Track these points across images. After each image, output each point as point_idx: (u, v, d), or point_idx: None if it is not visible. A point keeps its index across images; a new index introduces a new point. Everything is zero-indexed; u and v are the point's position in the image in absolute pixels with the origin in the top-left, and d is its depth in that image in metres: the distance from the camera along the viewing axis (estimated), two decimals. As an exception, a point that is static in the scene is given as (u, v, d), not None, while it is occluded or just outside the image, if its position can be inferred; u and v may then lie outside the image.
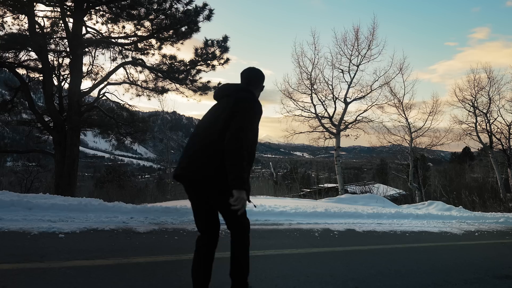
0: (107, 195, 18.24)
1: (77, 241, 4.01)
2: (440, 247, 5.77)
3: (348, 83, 18.02)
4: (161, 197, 23.20)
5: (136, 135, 13.76)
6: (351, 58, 17.83)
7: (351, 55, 17.83)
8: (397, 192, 25.41)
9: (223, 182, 2.07)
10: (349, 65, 17.91)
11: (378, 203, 11.72)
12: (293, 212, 7.58)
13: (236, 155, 2.03)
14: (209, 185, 2.15)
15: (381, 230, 6.83)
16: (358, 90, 18.25)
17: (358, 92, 18.21)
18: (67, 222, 4.96)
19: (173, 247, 4.12)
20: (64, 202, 5.88)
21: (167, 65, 12.05)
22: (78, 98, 10.66)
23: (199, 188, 2.23)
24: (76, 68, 10.60)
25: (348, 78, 18.03)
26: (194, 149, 2.23)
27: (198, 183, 2.19)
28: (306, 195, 23.01)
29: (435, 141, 20.64)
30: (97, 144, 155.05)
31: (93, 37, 11.88)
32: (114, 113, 13.05)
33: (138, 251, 3.79)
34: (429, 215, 9.85)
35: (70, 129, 10.52)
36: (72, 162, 10.38)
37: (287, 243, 4.93)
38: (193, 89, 12.35)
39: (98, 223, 4.99)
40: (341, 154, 19.53)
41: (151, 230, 4.86)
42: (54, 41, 11.88)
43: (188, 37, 11.47)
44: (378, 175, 39.25)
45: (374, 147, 23.28)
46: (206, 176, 2.13)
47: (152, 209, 6.38)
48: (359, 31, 18.46)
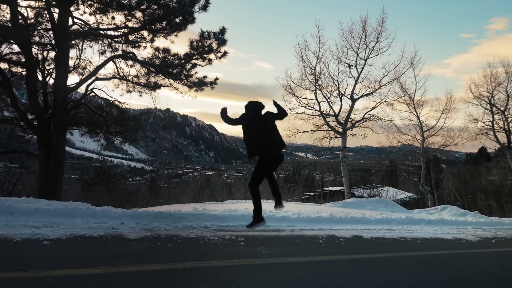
0: (95, 199, 18.22)
1: (63, 249, 4.00)
2: (454, 255, 5.77)
3: (355, 78, 18.03)
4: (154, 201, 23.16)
5: (126, 134, 13.78)
6: (358, 52, 17.85)
7: (358, 48, 17.84)
8: (408, 196, 25.41)
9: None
10: (356, 59, 17.93)
11: (387, 208, 11.72)
12: (296, 217, 7.57)
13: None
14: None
15: (390, 236, 6.83)
16: (366, 86, 18.27)
17: (366, 88, 18.23)
18: (52, 228, 4.95)
19: (166, 255, 4.12)
20: (49, 207, 5.87)
21: (160, 59, 12.05)
22: (64, 94, 10.66)
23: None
24: (62, 62, 10.60)
25: (355, 73, 18.05)
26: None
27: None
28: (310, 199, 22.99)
29: (448, 141, 20.63)
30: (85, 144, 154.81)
31: (80, 28, 11.88)
32: (103, 110, 13.06)
33: (129, 259, 3.79)
34: (442, 220, 9.84)
35: (55, 128, 10.52)
36: (57, 164, 10.37)
37: (289, 250, 4.93)
38: (188, 85, 12.36)
39: (85, 229, 4.99)
40: (347, 155, 19.54)
41: (143, 237, 4.86)
42: (38, 33, 11.88)
43: (182, 28, 11.47)
44: (387, 178, 39.25)
45: (383, 147, 23.22)
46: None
47: (144, 214, 6.38)
48: (367, 23, 18.41)
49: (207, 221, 6.44)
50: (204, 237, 5.15)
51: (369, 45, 17.70)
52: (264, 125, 5.62)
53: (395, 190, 23.03)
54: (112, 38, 12.04)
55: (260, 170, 5.48)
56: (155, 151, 45.54)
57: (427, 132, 20.66)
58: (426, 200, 21.24)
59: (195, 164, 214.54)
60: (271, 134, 5.61)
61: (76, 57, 12.92)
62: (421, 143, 20.67)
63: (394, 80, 18.64)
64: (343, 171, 17.97)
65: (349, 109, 18.12)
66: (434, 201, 20.93)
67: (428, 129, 20.66)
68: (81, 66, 13.28)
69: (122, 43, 12.28)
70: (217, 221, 6.55)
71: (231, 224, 6.49)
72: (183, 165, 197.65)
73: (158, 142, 29.41)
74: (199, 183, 32.19)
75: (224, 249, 4.64)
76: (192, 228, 5.87)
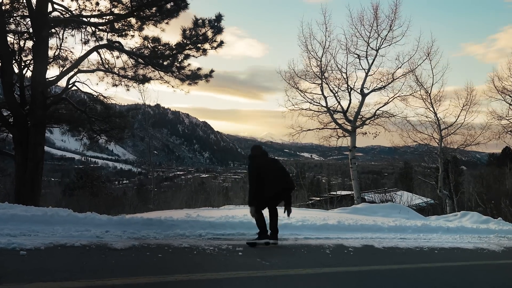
0: (77, 204, 18.24)
1: (42, 259, 4.00)
2: (475, 267, 5.78)
3: (365, 70, 18.01)
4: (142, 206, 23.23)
5: (112, 133, 13.74)
6: (369, 41, 17.81)
7: (369, 37, 17.80)
8: (424, 201, 25.42)
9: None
10: (367, 49, 17.89)
11: (401, 214, 11.75)
12: (300, 225, 7.59)
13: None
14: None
15: (405, 246, 6.83)
16: (377, 79, 18.22)
17: (378, 81, 18.19)
18: (29, 236, 4.95)
19: (156, 267, 4.12)
20: (26, 213, 5.87)
21: (149, 49, 12.02)
22: (43, 88, 10.65)
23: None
24: (40, 53, 10.58)
25: (366, 65, 18.02)
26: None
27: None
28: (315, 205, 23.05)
29: (469, 140, 20.62)
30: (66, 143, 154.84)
31: (61, 15, 11.86)
32: (86, 106, 13.03)
33: (115, 272, 3.79)
34: (462, 228, 9.85)
35: (33, 126, 10.51)
36: (35, 165, 10.37)
37: (292, 261, 4.93)
38: (181, 78, 12.34)
39: (66, 238, 4.98)
40: (357, 156, 19.53)
41: (130, 246, 4.86)
42: (14, 20, 11.86)
43: (174, 15, 11.44)
44: (401, 181, 39.28)
45: (396, 147, 23.19)
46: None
47: (132, 221, 6.38)
48: (378, 9, 18.34)
49: (201, 229, 6.45)
50: (198, 246, 5.15)
51: (381, 34, 17.68)
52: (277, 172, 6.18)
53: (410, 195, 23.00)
54: (96, 26, 12.02)
55: (261, 202, 6.03)
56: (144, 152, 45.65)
57: (446, 130, 20.65)
58: (445, 206, 21.25)
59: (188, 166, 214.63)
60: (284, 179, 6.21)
61: (56, 47, 12.88)
62: (439, 143, 20.66)
63: (409, 73, 18.62)
64: (352, 173, 17.97)
65: (359, 105, 18.12)
66: (453, 207, 20.93)
67: (447, 126, 20.65)
68: (62, 57, 13.25)
69: (107, 32, 12.25)
70: (213, 229, 6.56)
71: (228, 232, 6.50)
72: (175, 167, 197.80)
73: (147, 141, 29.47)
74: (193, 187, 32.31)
75: (220, 260, 4.64)
76: (185, 236, 5.87)
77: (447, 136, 20.78)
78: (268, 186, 5.89)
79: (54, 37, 12.41)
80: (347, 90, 18.15)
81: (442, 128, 20.50)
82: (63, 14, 11.88)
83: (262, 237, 5.89)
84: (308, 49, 18.14)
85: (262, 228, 5.92)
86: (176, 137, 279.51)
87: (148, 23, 11.72)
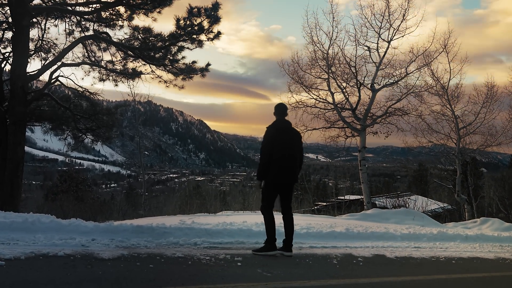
0: (61, 210, 18.26)
1: (22, 270, 4.00)
2: (497, 278, 5.77)
3: (376, 64, 17.98)
4: (132, 212, 23.26)
5: (99, 132, 13.76)
6: (380, 32, 17.76)
7: (380, 28, 17.75)
8: (441, 207, 25.45)
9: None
10: (378, 41, 17.86)
11: (415, 221, 11.75)
12: (304, 233, 7.58)
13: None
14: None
15: (419, 256, 6.83)
16: (389, 73, 18.22)
17: (390, 76, 18.19)
18: (8, 245, 4.95)
19: (147, 278, 4.12)
20: (4, 219, 5.87)
21: (139, 41, 12.04)
22: (23, 83, 10.66)
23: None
24: (20, 44, 10.58)
25: (377, 58, 18.03)
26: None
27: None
28: (322, 210, 23.03)
29: (490, 140, 20.62)
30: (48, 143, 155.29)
31: (43, 3, 11.88)
32: (71, 102, 13.05)
33: (102, 283, 3.79)
34: (482, 236, 9.85)
35: (12, 124, 10.51)
36: (15, 167, 10.37)
37: (296, 273, 4.93)
38: (174, 72, 12.35)
39: (49, 247, 4.98)
40: (367, 157, 19.53)
41: (119, 256, 4.86)
42: (-9, 8, 11.87)
43: (167, 3, 11.45)
44: (415, 184, 39.32)
45: (410, 147, 23.18)
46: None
47: (120, 228, 6.38)
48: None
49: (196, 237, 6.45)
50: (193, 256, 5.15)
51: (393, 24, 17.64)
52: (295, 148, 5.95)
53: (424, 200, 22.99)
54: (82, 15, 12.03)
55: (269, 191, 5.81)
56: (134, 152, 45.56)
57: (464, 130, 20.63)
58: (463, 212, 21.25)
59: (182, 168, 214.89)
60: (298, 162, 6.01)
61: (38, 38, 12.89)
62: (457, 143, 20.64)
63: (424, 67, 18.62)
64: (361, 176, 17.96)
65: (369, 102, 18.10)
66: (473, 213, 20.93)
67: (465, 126, 20.62)
68: (44, 49, 13.25)
69: (94, 22, 12.27)
70: (209, 237, 6.56)
71: (226, 240, 6.49)
72: (168, 169, 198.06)
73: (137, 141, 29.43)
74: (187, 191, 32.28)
75: (217, 270, 4.64)
76: (178, 245, 5.87)
77: (465, 136, 20.76)
78: (278, 170, 5.62)
79: (36, 27, 12.44)
80: (356, 86, 18.13)
81: (460, 127, 20.46)
82: (45, 1, 11.90)
83: (269, 247, 5.66)
84: (314, 40, 18.13)
85: (271, 236, 5.66)
86: (169, 136, 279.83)
87: (138, 12, 11.74)
